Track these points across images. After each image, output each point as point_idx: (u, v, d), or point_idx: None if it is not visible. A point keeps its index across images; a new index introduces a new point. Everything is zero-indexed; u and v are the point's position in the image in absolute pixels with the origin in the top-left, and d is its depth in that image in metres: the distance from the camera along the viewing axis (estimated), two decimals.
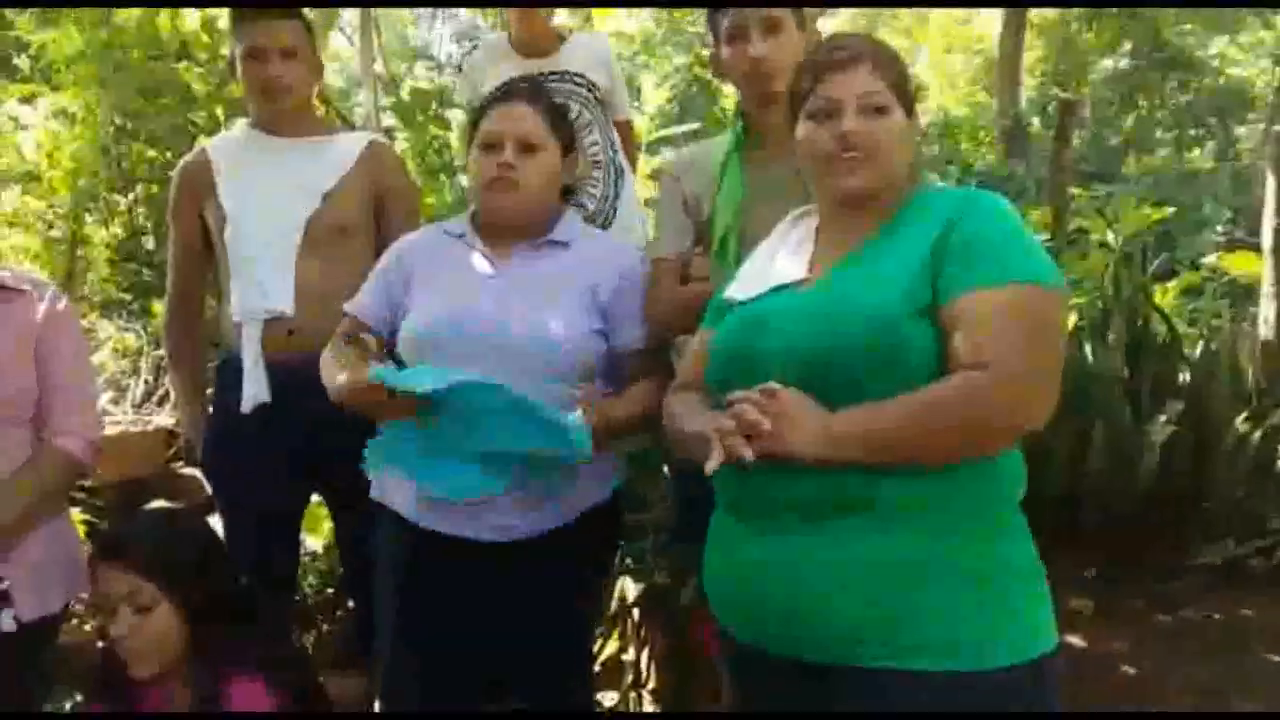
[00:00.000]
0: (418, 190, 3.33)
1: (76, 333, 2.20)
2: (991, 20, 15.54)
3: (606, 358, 2.05)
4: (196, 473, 3.79)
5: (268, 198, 2.43)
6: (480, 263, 2.07)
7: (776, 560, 1.50)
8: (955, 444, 1.45)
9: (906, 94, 1.62)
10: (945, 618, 1.42)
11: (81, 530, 2.56)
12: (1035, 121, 13.64)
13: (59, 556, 2.10)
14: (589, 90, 3.10)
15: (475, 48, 3.60)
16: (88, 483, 3.34)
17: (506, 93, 2.13)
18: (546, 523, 2.00)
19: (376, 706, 2.20)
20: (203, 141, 2.66)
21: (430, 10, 15.91)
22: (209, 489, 3.66)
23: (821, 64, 1.62)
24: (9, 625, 1.92)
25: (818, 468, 1.45)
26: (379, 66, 9.08)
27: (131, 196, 4.57)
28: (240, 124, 2.58)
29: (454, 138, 5.11)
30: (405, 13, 16.19)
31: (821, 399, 1.47)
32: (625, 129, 3.29)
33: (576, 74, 3.08)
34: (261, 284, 2.40)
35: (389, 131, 5.51)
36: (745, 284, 1.71)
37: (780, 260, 1.70)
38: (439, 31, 16.55)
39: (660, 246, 2.19)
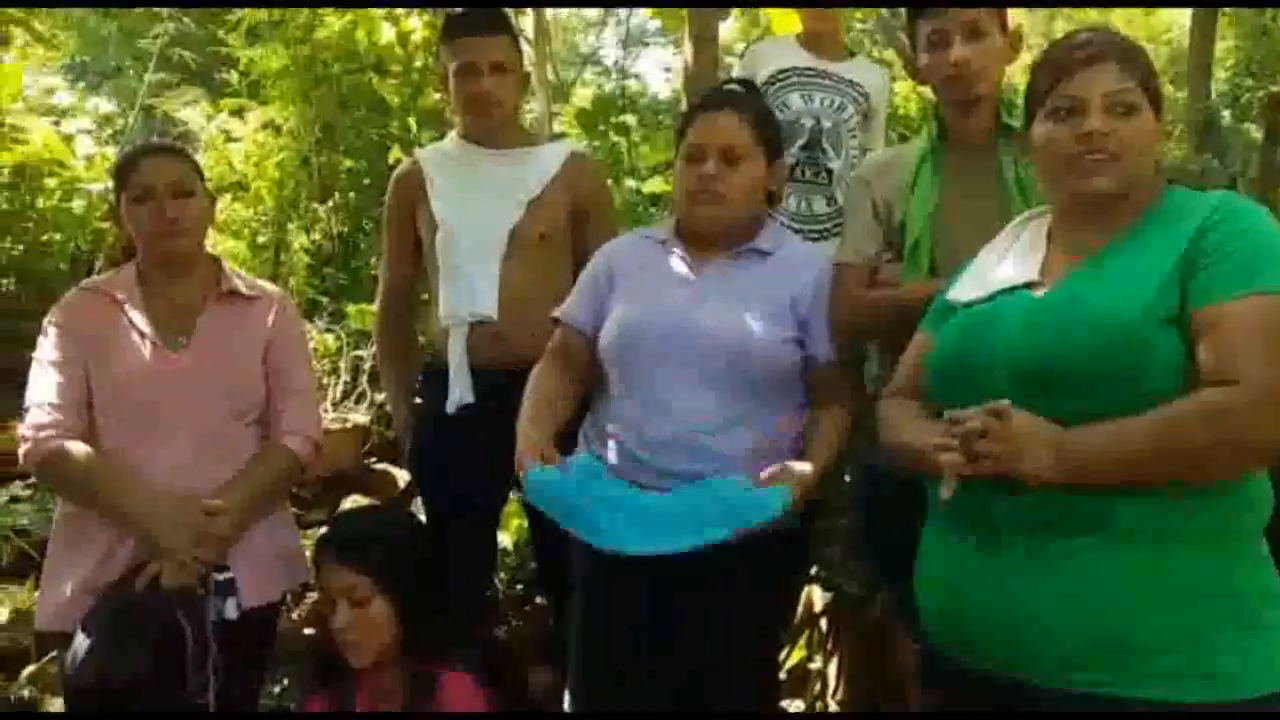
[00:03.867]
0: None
1: (302, 337, 2.34)
2: (1179, 9, 14.74)
3: (800, 367, 2.05)
4: (390, 468, 3.97)
5: (475, 206, 2.51)
6: (681, 268, 2.10)
7: (1000, 579, 1.46)
8: (1201, 466, 1.38)
9: (1155, 92, 1.55)
10: (1181, 644, 1.37)
11: None
12: (1227, 115, 12.86)
13: (279, 548, 2.24)
14: (865, 101, 3.20)
15: (761, 37, 3.73)
16: None
17: (713, 101, 2.15)
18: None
19: (566, 702, 2.25)
20: (402, 153, 2.77)
21: (601, 16, 16.16)
22: (401, 484, 3.85)
23: (1063, 61, 1.56)
24: (233, 613, 2.04)
25: (1046, 485, 1.40)
26: (550, 73, 9.29)
27: (330, 204, 4.79)
28: (450, 135, 2.68)
29: (624, 143, 5.20)
30: (575, 19, 16.50)
31: (1051, 409, 1.42)
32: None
33: (858, 84, 3.19)
34: (468, 289, 2.49)
35: (556, 137, 5.63)
36: (970, 286, 1.66)
37: (1009, 262, 1.64)
38: (608, 37, 16.84)
39: (847, 251, 2.17)
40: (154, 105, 5.63)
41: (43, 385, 2.08)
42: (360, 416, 4.04)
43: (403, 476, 3.83)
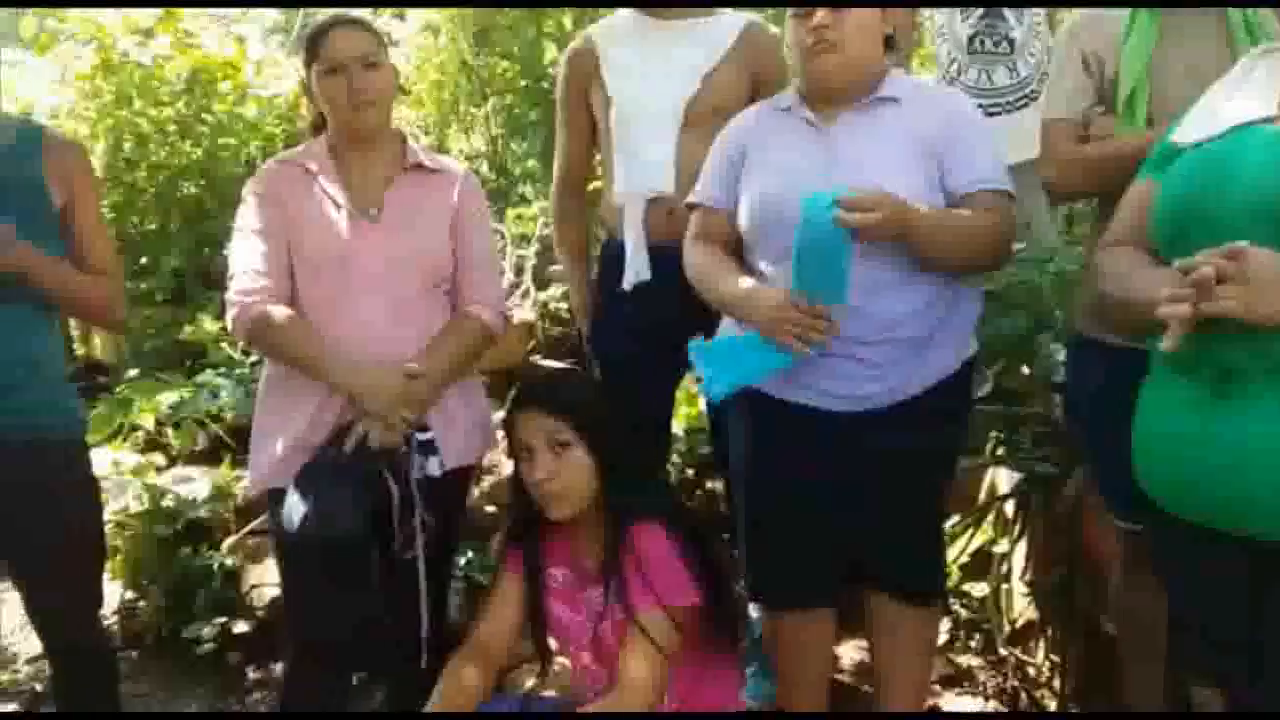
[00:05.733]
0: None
1: (485, 213, 2.35)
2: None
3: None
4: (555, 364, 4.01)
5: (649, 80, 2.47)
6: (812, 130, 2.03)
7: (1236, 427, 1.39)
8: None
9: None
10: None
11: None
12: None
13: (473, 414, 2.29)
14: None
15: None
16: None
17: None
18: (897, 393, 1.97)
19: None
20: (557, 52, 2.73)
21: None
22: None
23: None
24: (436, 470, 2.11)
25: None
26: None
27: (487, 107, 4.81)
28: (622, 10, 2.63)
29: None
30: None
31: None
32: None
33: None
34: (643, 165, 2.46)
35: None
36: (1199, 125, 1.56)
37: (1241, 98, 1.53)
38: None
39: (1056, 106, 2.08)
40: (316, 11, 5.72)
41: (246, 252, 2.15)
42: (525, 313, 4.08)
43: None
